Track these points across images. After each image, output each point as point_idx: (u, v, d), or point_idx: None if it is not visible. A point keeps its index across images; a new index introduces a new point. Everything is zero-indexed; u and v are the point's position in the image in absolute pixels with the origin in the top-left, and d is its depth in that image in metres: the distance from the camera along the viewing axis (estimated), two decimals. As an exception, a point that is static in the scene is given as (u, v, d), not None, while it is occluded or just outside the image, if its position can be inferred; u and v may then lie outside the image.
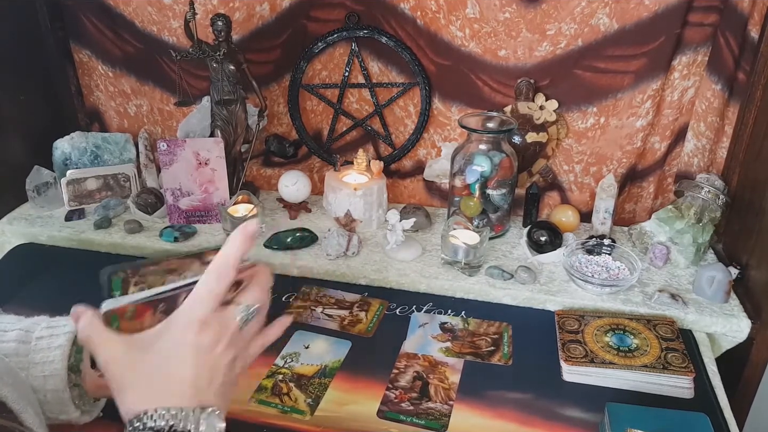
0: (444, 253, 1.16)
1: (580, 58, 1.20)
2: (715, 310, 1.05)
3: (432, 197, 1.43)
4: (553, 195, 1.35)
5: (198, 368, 0.53)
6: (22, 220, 1.32)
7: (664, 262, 1.16)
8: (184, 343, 0.53)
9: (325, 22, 1.30)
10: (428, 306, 1.09)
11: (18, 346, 0.65)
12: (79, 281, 1.16)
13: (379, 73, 1.34)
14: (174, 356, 0.53)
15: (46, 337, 0.66)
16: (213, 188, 1.29)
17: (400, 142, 1.39)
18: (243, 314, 0.57)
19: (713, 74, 1.18)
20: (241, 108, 1.30)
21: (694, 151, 1.26)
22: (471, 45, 1.24)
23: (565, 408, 0.88)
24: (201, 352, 0.54)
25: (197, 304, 0.55)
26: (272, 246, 1.22)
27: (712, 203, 1.17)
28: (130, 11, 1.36)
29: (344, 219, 1.27)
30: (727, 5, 1.12)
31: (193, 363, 0.53)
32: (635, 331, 0.98)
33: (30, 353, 0.65)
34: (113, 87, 1.48)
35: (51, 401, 0.64)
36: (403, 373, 0.94)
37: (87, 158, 1.42)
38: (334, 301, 1.11)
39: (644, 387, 0.90)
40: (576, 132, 1.28)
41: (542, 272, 1.15)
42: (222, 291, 0.55)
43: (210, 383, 0.54)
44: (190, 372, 0.53)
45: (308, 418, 0.86)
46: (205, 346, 0.54)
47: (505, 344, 1.00)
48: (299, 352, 0.98)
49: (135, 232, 1.27)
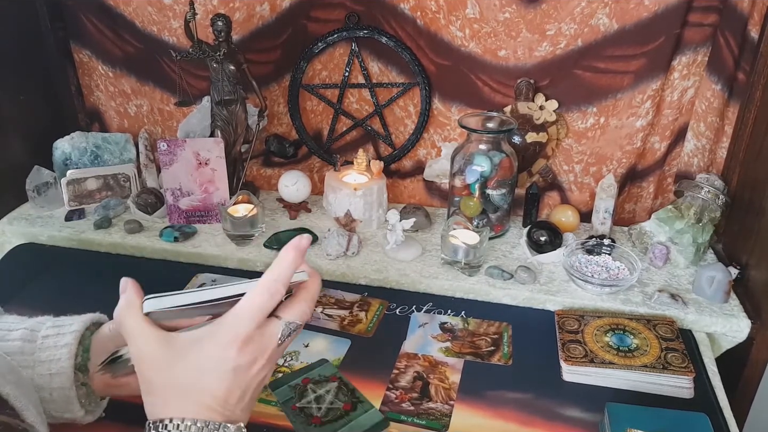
0: (444, 253, 1.16)
1: (579, 59, 1.20)
2: (714, 310, 1.05)
3: (432, 197, 1.43)
4: (552, 195, 1.36)
5: (233, 386, 0.53)
6: (22, 220, 1.32)
7: (663, 262, 1.16)
8: (225, 360, 0.53)
9: (325, 22, 1.30)
10: (428, 306, 1.09)
11: (23, 345, 0.65)
12: (79, 281, 1.17)
13: (379, 73, 1.34)
14: (211, 370, 0.53)
15: (53, 335, 0.66)
16: (213, 188, 1.29)
17: (400, 142, 1.40)
18: (284, 330, 0.56)
19: (713, 74, 1.18)
20: (241, 108, 1.30)
21: (693, 151, 1.26)
22: (471, 45, 1.24)
23: (565, 408, 0.88)
24: (239, 372, 0.53)
25: (243, 321, 0.53)
26: (272, 246, 1.22)
27: (712, 203, 1.17)
28: (130, 11, 1.36)
29: (344, 219, 1.27)
30: (726, 5, 1.12)
31: (229, 382, 0.53)
32: (635, 331, 0.98)
33: (36, 351, 0.65)
34: (113, 87, 1.48)
35: (56, 399, 0.64)
36: (404, 373, 0.94)
37: (87, 158, 1.42)
38: (334, 301, 1.11)
39: (644, 387, 0.90)
40: (576, 132, 1.28)
41: (542, 272, 1.15)
42: (270, 308, 0.54)
43: (240, 400, 0.54)
44: (225, 389, 0.53)
45: (308, 417, 0.86)
46: (243, 365, 0.53)
47: (505, 344, 1.00)
48: (299, 351, 0.98)
49: (135, 232, 1.27)
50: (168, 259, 1.24)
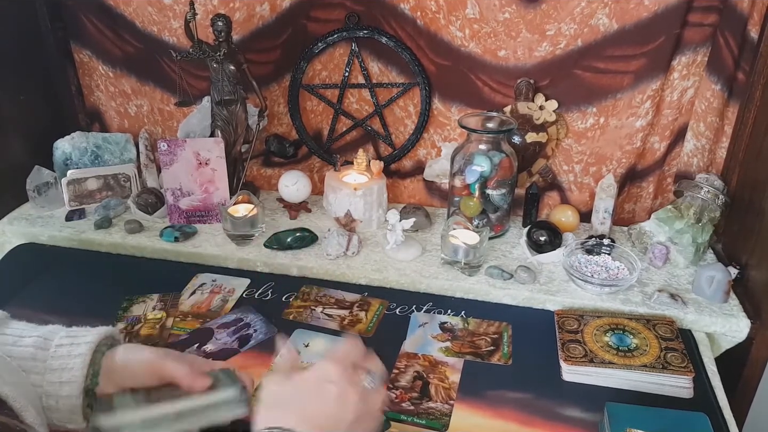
0: (444, 253, 1.16)
1: (579, 59, 1.20)
2: (714, 310, 1.05)
3: (432, 197, 1.43)
4: (552, 195, 1.36)
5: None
6: (22, 220, 1.33)
7: (663, 262, 1.16)
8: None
9: (325, 22, 1.31)
10: (428, 306, 1.10)
11: (36, 352, 0.66)
12: (79, 281, 1.17)
13: (379, 74, 1.34)
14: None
15: (66, 345, 0.68)
16: (213, 188, 1.29)
17: (400, 142, 1.40)
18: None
19: (713, 74, 1.18)
20: (242, 108, 1.30)
21: (693, 151, 1.26)
22: (471, 45, 1.24)
23: (565, 408, 0.88)
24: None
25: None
26: (272, 246, 1.22)
27: (712, 203, 1.17)
28: (130, 11, 1.36)
29: (344, 219, 1.28)
30: (726, 5, 1.12)
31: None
32: (635, 330, 0.98)
33: (48, 359, 0.66)
34: (114, 87, 1.48)
35: (62, 408, 0.65)
36: (404, 373, 0.94)
37: (87, 158, 1.42)
38: (334, 300, 1.11)
39: (644, 387, 0.90)
40: (576, 132, 1.28)
41: (542, 272, 1.15)
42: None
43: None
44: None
45: (308, 417, 0.86)
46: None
47: (504, 344, 1.01)
48: (299, 350, 0.98)
49: (135, 232, 1.28)
50: (168, 259, 1.24)
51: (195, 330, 1.03)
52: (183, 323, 1.05)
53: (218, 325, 1.05)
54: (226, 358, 0.97)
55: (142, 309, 1.08)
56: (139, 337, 1.01)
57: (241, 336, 1.02)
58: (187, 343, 1.00)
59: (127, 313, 1.07)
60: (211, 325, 1.05)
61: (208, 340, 1.01)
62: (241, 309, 1.08)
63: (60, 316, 0.82)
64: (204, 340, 1.01)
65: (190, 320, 1.06)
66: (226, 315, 1.07)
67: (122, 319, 1.05)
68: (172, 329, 1.03)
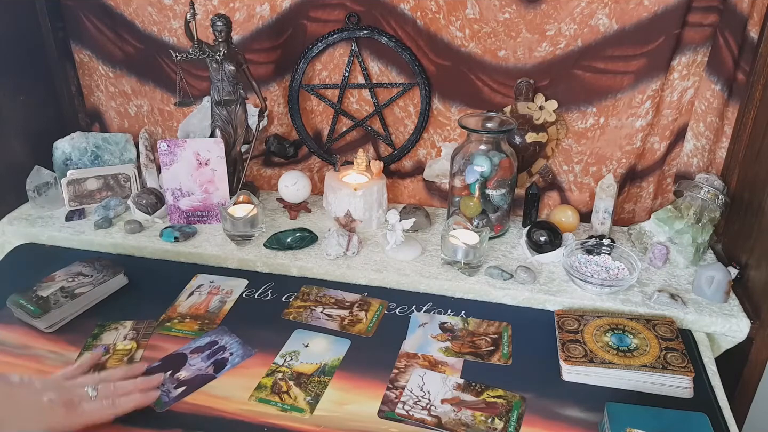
0: (444, 253, 1.16)
1: (579, 59, 1.20)
2: (714, 310, 1.05)
3: (432, 197, 1.43)
4: (552, 195, 1.36)
5: None
6: (22, 220, 1.33)
7: (663, 262, 1.16)
8: None
9: (325, 22, 1.31)
10: (428, 306, 1.10)
11: None
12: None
13: (379, 74, 1.34)
14: None
15: None
16: (213, 188, 1.29)
17: (400, 142, 1.40)
18: None
19: (713, 74, 1.18)
20: (242, 108, 1.30)
21: (693, 151, 1.26)
22: (471, 45, 1.24)
23: (565, 408, 0.88)
24: None
25: None
26: (272, 246, 1.22)
27: (712, 203, 1.17)
28: (130, 11, 1.37)
29: (344, 219, 1.28)
30: (726, 6, 1.12)
31: None
32: (635, 330, 0.98)
33: None
34: (114, 87, 1.48)
35: None
36: (403, 373, 0.94)
37: (87, 158, 1.42)
38: (334, 301, 1.11)
39: (644, 387, 0.90)
40: (575, 132, 1.28)
41: (542, 272, 1.15)
42: None
43: None
44: None
45: (308, 416, 0.86)
46: None
47: (504, 344, 1.01)
48: (299, 351, 0.98)
49: (135, 232, 1.28)
50: (168, 259, 1.24)
51: (167, 356, 0.97)
52: (181, 325, 1.04)
53: (191, 349, 0.98)
54: (200, 386, 0.91)
55: (113, 337, 1.01)
56: (105, 369, 0.93)
57: (216, 360, 0.96)
58: (158, 369, 0.94)
59: (97, 341, 1.00)
60: (184, 350, 0.98)
61: (182, 366, 0.94)
62: (216, 330, 1.03)
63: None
64: (177, 367, 0.94)
65: (188, 321, 1.05)
66: (199, 338, 1.01)
67: (91, 347, 0.98)
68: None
